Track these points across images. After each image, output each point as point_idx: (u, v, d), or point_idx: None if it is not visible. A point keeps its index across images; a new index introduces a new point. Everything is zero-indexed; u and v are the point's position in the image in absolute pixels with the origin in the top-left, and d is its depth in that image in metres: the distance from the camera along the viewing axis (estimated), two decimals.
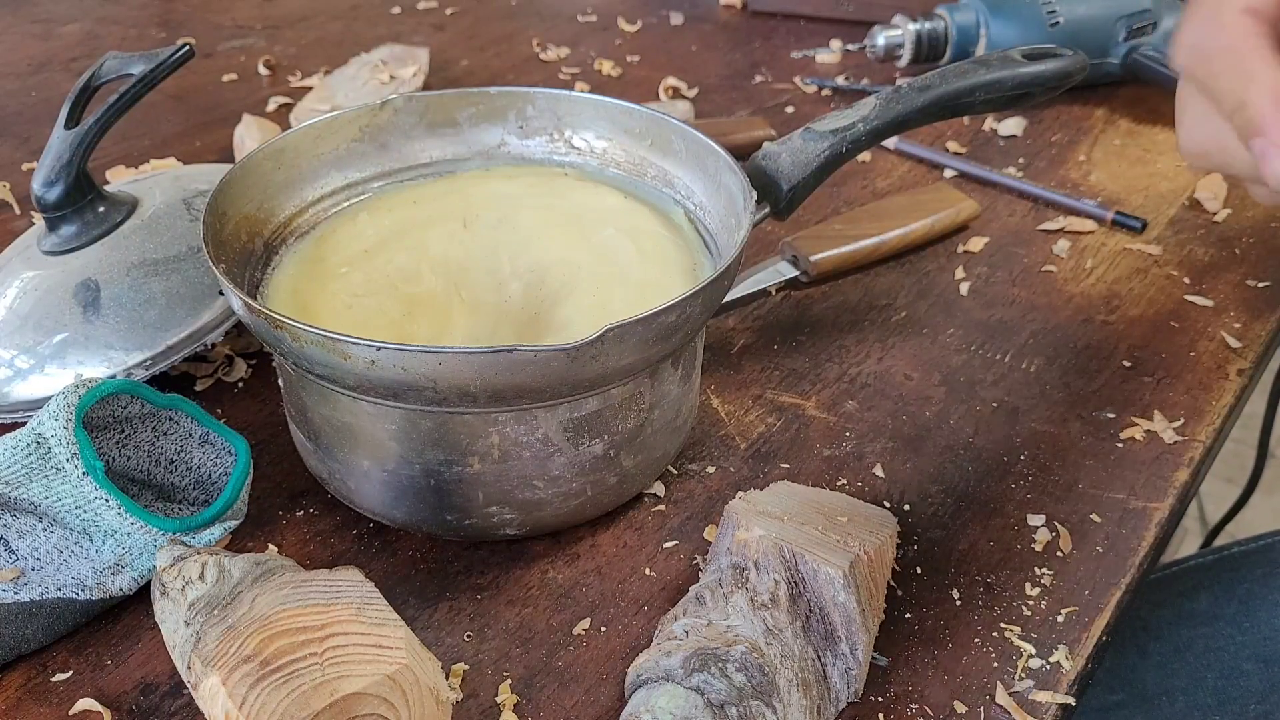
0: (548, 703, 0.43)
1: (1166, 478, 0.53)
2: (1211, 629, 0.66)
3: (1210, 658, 0.65)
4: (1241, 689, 0.63)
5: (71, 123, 0.58)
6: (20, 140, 0.88)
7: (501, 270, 0.53)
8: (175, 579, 0.42)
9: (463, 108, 0.60)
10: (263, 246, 0.54)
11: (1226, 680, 0.64)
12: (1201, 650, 0.65)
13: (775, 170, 0.54)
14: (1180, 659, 0.65)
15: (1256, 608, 0.66)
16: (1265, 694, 0.62)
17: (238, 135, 0.83)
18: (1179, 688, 0.64)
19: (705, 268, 0.53)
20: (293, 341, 0.43)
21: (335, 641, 0.38)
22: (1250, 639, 0.64)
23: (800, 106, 0.92)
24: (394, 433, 0.46)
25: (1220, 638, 0.65)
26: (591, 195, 0.57)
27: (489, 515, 0.48)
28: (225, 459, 0.50)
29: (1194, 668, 0.65)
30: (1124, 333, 0.64)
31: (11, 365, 0.55)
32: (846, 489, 0.53)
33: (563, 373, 0.42)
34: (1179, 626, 0.67)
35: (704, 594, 0.43)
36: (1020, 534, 0.51)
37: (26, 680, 0.44)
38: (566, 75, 0.98)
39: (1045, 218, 0.75)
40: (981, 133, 0.87)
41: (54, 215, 0.58)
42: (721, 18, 1.12)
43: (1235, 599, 0.67)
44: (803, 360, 0.62)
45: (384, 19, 1.12)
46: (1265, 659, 0.63)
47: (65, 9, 1.15)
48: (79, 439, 0.44)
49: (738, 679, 0.39)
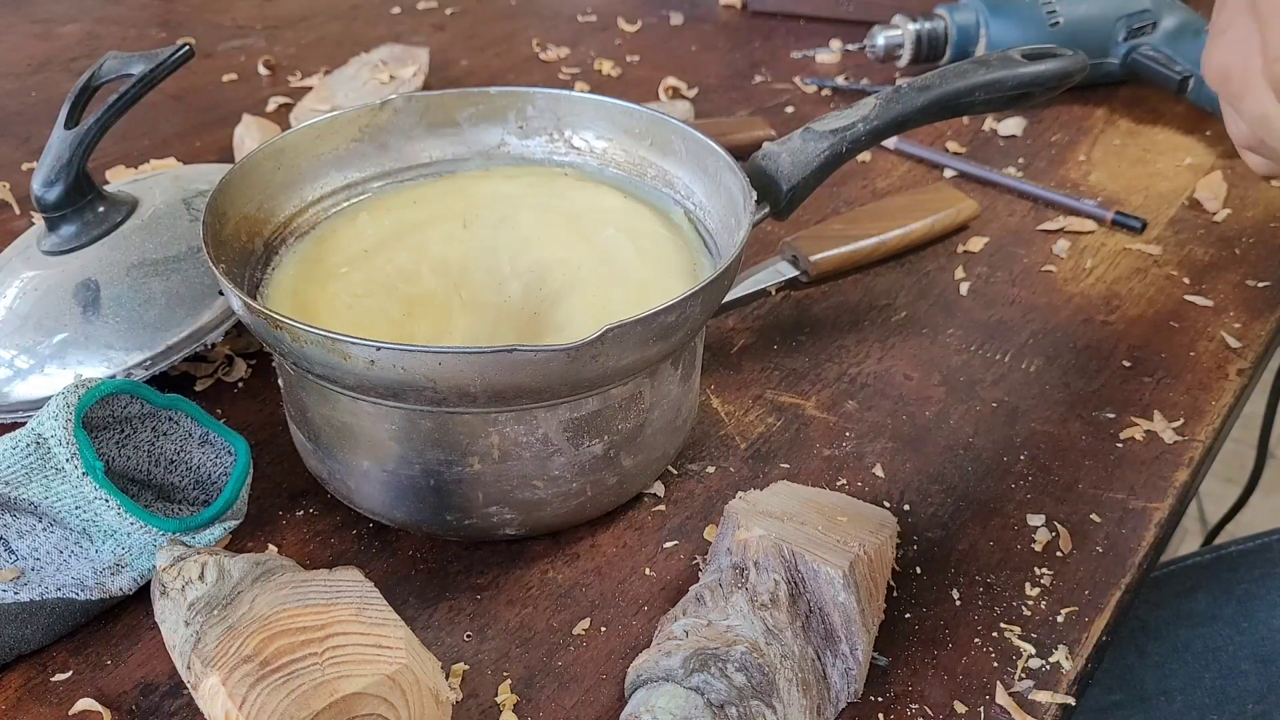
0: (548, 703, 0.43)
1: (1166, 478, 0.53)
2: (1210, 629, 0.66)
3: (1208, 658, 0.65)
4: (1239, 689, 0.63)
5: (71, 123, 0.58)
6: (20, 140, 0.88)
7: (501, 270, 0.53)
8: (175, 579, 0.42)
9: (463, 108, 0.60)
10: (262, 246, 0.54)
11: (1224, 680, 0.64)
12: (1200, 650, 0.65)
13: (775, 170, 0.54)
14: (1178, 659, 0.65)
15: (1255, 608, 0.66)
16: (1263, 694, 0.62)
17: (237, 135, 0.83)
18: (1177, 688, 0.64)
19: (705, 268, 0.53)
20: (292, 341, 0.43)
21: (335, 641, 0.38)
22: (1248, 639, 0.64)
23: (800, 106, 0.92)
24: (394, 433, 0.46)
25: (1218, 638, 0.65)
26: (591, 195, 0.57)
27: (489, 515, 0.48)
28: (225, 459, 0.50)
29: (1192, 668, 0.65)
30: (1124, 333, 0.64)
31: (11, 365, 0.55)
32: (846, 489, 0.53)
33: (563, 373, 0.42)
34: (1177, 626, 0.67)
35: (704, 594, 0.43)
36: (1020, 534, 0.51)
37: (26, 680, 0.44)
38: (566, 75, 0.98)
39: (1045, 218, 0.75)
40: (981, 133, 0.87)
41: (54, 215, 0.58)
42: (721, 18, 1.12)
43: (1233, 599, 0.67)
44: (802, 360, 0.62)
45: (384, 19, 1.12)
46: (1263, 658, 0.63)
47: (65, 9, 1.15)
48: (79, 439, 0.44)
49: (738, 679, 0.39)
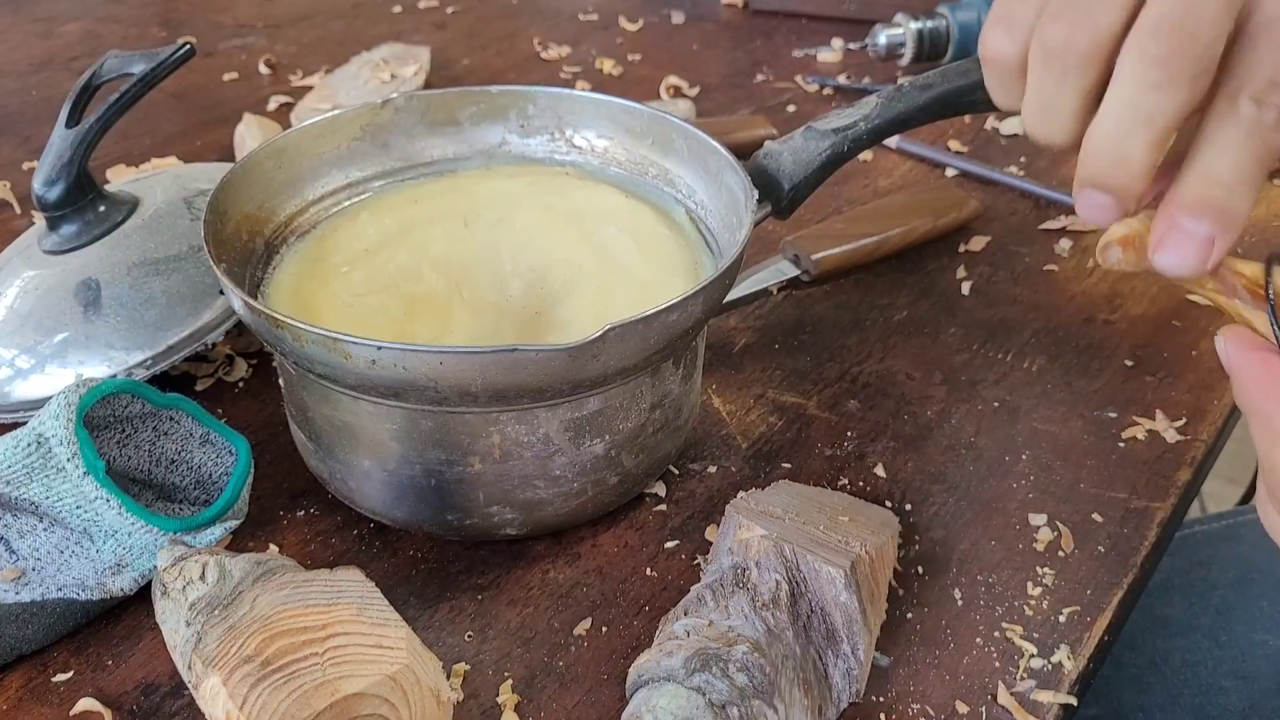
0: (549, 703, 0.43)
1: (1168, 477, 0.53)
2: (1188, 641, 0.64)
3: (1187, 673, 0.63)
4: (1220, 707, 0.61)
5: (72, 122, 0.58)
6: (21, 139, 0.88)
7: (503, 269, 0.53)
8: (176, 579, 0.42)
9: (464, 106, 0.59)
10: (263, 246, 0.54)
11: (1204, 698, 0.62)
12: (1179, 664, 0.63)
13: (777, 169, 0.54)
14: (1156, 672, 0.64)
15: (1234, 620, 0.64)
16: (1245, 713, 0.61)
17: (238, 134, 0.83)
18: (1155, 704, 0.63)
19: (706, 267, 0.53)
20: (293, 341, 0.43)
21: (336, 642, 0.38)
22: (1228, 654, 0.63)
23: (802, 105, 0.92)
24: (395, 432, 0.46)
25: (1197, 651, 0.63)
26: (593, 194, 0.57)
27: (490, 515, 0.48)
28: (226, 459, 0.50)
29: (1171, 683, 0.63)
30: (1126, 332, 0.64)
31: (12, 365, 0.55)
32: (848, 488, 0.53)
33: (564, 372, 0.42)
34: (1153, 636, 0.65)
35: (705, 594, 0.43)
36: (1022, 533, 0.50)
37: (27, 680, 0.44)
38: (568, 74, 0.98)
39: (1047, 216, 0.75)
40: (983, 131, 0.87)
41: (54, 214, 0.58)
42: (723, 16, 1.12)
43: (1211, 608, 0.65)
44: (804, 359, 0.62)
45: (385, 17, 1.12)
46: (1244, 675, 0.62)
47: (66, 8, 1.15)
48: (79, 439, 0.44)
49: (739, 679, 0.39)
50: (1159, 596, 0.67)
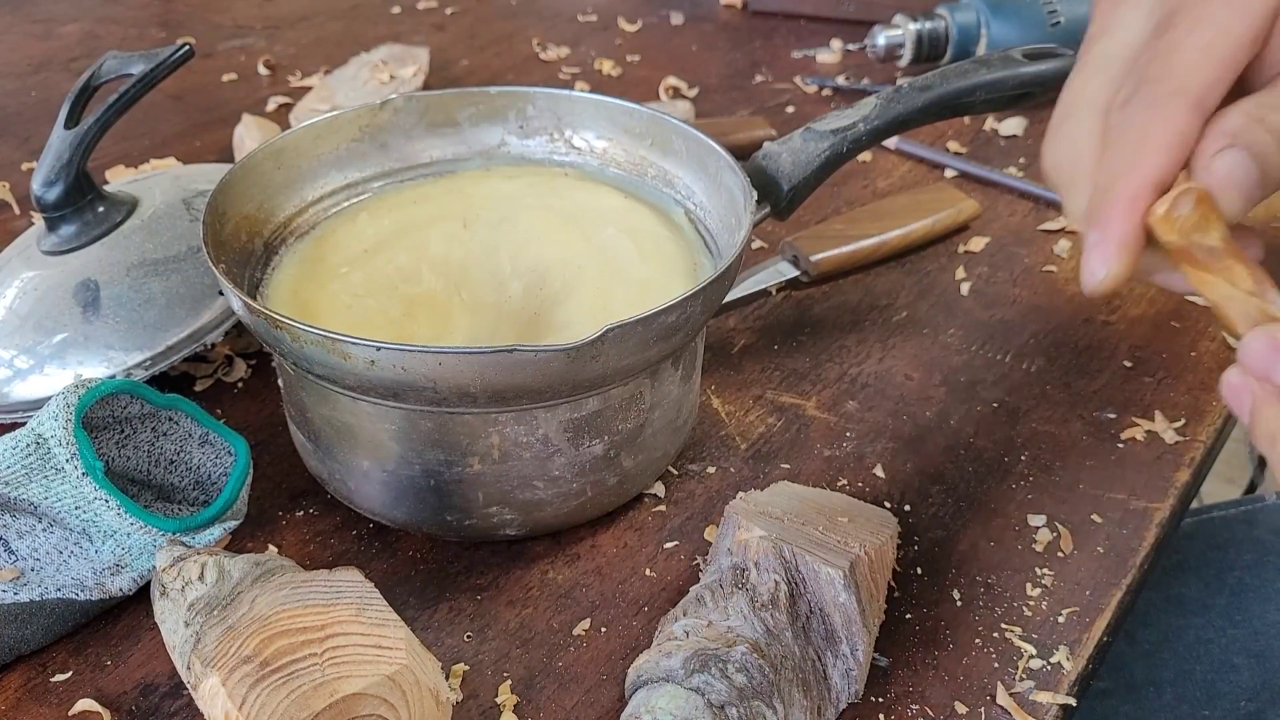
0: (548, 703, 0.43)
1: (1167, 478, 0.53)
2: (1202, 619, 0.65)
3: (1200, 649, 0.64)
4: (1231, 684, 0.62)
5: (71, 122, 0.58)
6: (20, 140, 0.88)
7: (502, 270, 0.53)
8: (175, 579, 0.42)
9: (463, 107, 0.59)
10: (262, 246, 0.54)
11: (1216, 674, 0.63)
12: (1191, 641, 0.64)
13: (776, 170, 0.54)
14: (1169, 648, 0.64)
15: (1249, 600, 0.65)
16: (1256, 691, 0.61)
17: (237, 135, 0.83)
18: (1166, 679, 0.63)
19: (706, 268, 0.53)
20: (292, 341, 0.43)
21: (335, 642, 0.38)
22: (1242, 632, 0.63)
23: (801, 106, 0.92)
24: (394, 433, 0.46)
25: (1211, 629, 0.64)
26: (592, 195, 0.57)
27: (489, 516, 0.48)
28: (225, 459, 0.50)
29: (1182, 658, 0.64)
30: (1125, 333, 0.64)
31: (11, 365, 0.55)
32: (847, 489, 0.53)
33: (563, 373, 0.42)
34: (1167, 613, 0.66)
35: (704, 594, 0.43)
36: (1021, 534, 0.51)
37: (26, 681, 0.44)
38: (567, 75, 0.98)
39: (1046, 217, 0.75)
40: (982, 132, 0.87)
41: (54, 215, 0.58)
42: (722, 17, 1.12)
43: (1226, 588, 0.65)
44: (803, 360, 0.62)
45: (384, 18, 1.12)
46: (1256, 654, 0.62)
47: (65, 9, 1.15)
48: (78, 439, 0.44)
49: (738, 679, 0.39)
50: (1175, 576, 0.67)
